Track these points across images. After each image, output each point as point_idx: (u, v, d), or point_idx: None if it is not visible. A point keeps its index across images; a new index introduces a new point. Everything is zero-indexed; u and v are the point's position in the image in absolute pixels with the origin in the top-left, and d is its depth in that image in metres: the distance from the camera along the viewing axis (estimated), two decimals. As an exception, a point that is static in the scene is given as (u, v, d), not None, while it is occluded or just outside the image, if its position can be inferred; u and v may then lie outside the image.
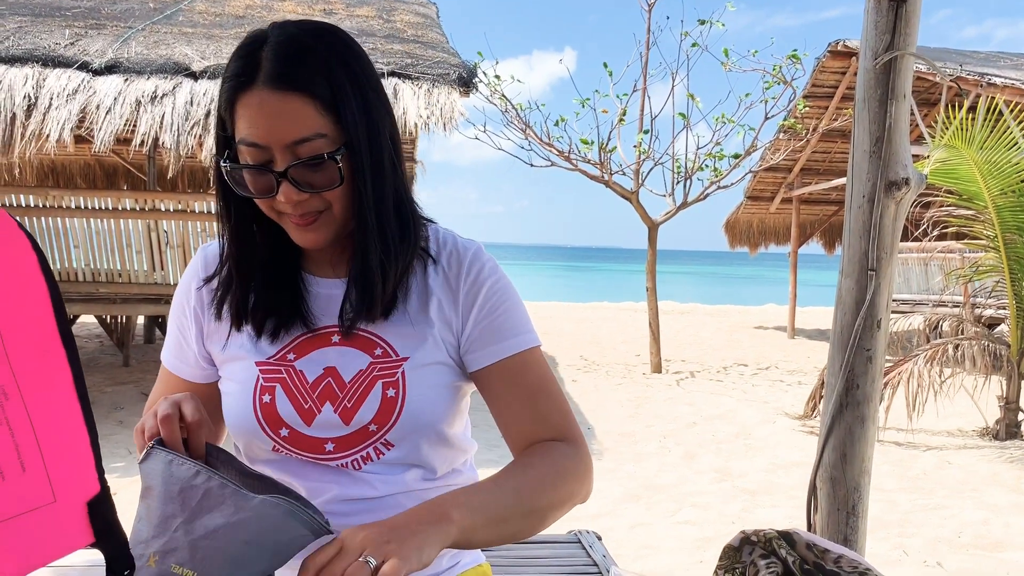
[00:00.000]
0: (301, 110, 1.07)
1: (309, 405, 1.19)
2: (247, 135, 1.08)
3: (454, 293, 1.24)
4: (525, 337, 1.25)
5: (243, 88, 1.08)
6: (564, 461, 1.18)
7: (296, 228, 1.15)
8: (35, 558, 0.87)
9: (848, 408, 1.95)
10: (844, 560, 1.13)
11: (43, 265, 0.90)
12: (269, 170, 1.09)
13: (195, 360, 1.31)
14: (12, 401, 0.86)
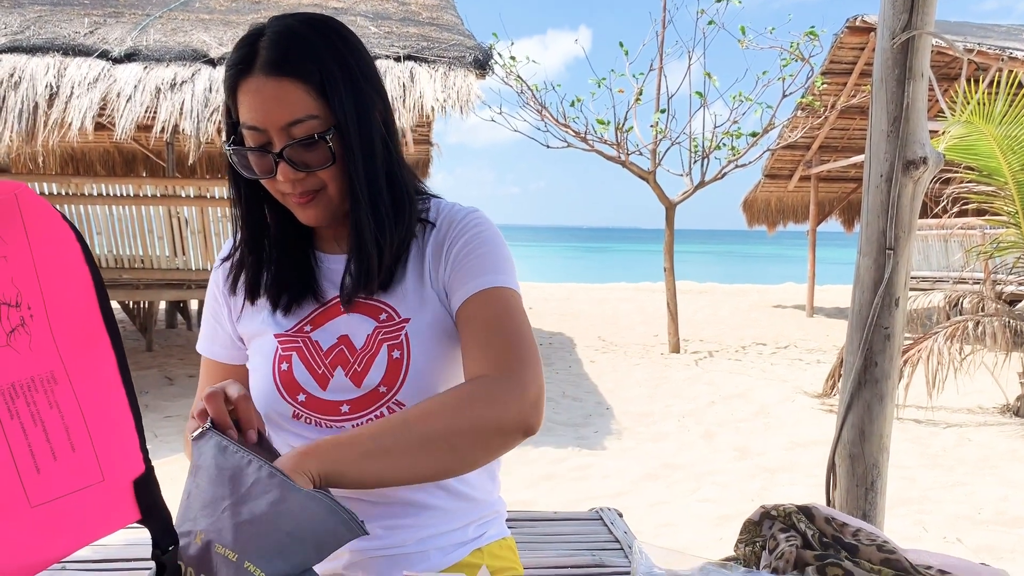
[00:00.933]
0: (293, 93, 1.16)
1: (323, 371, 1.26)
2: (247, 119, 1.18)
3: (442, 246, 1.28)
4: (496, 277, 1.24)
5: (242, 75, 1.17)
6: (475, 388, 1.14)
7: (297, 206, 1.23)
8: (86, 534, 0.91)
9: (866, 386, 1.98)
10: (862, 533, 1.16)
11: (87, 255, 0.94)
12: (268, 151, 1.18)
13: (230, 341, 1.40)
14: (61, 385, 0.90)
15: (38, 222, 0.90)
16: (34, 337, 0.89)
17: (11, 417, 0.86)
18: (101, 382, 0.93)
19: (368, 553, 1.25)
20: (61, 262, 0.92)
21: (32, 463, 0.86)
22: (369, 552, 1.25)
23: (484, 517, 1.36)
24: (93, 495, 0.91)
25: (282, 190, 1.22)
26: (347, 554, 1.25)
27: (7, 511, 0.84)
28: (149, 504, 0.95)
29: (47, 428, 0.88)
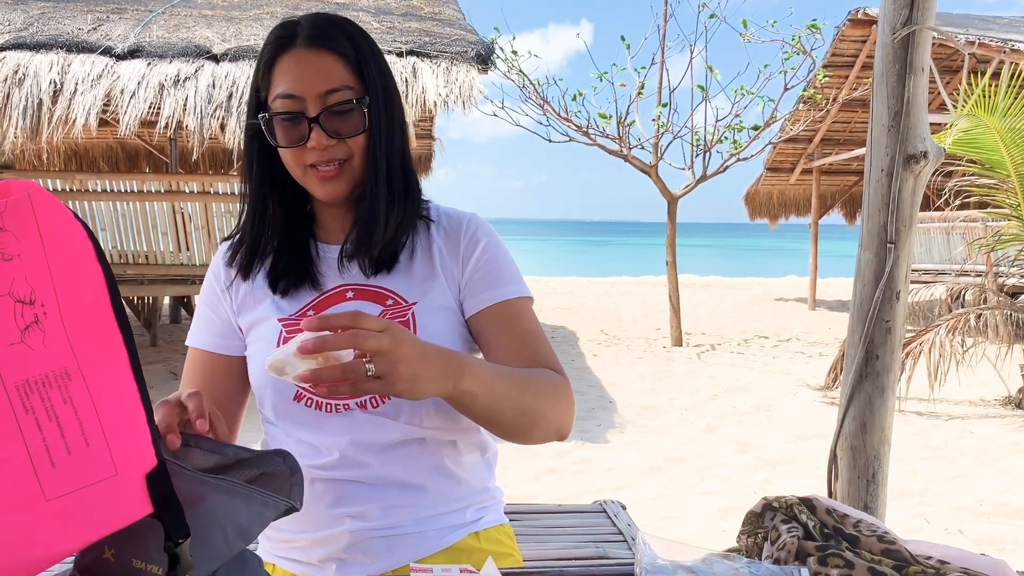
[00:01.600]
0: (332, 65, 1.26)
1: None
2: (285, 88, 1.25)
3: (455, 246, 1.37)
4: (519, 287, 1.37)
5: (283, 49, 1.27)
6: (562, 384, 1.30)
7: (320, 180, 1.28)
8: (100, 527, 0.92)
9: (868, 378, 1.99)
10: (863, 524, 1.17)
11: (98, 253, 0.96)
12: (303, 117, 1.24)
13: (226, 330, 1.41)
14: (75, 382, 0.92)
15: (51, 221, 0.92)
16: (48, 334, 0.91)
17: (26, 412, 0.88)
18: (113, 378, 0.95)
19: (367, 534, 1.28)
20: (73, 260, 0.93)
21: (47, 457, 0.88)
22: (368, 533, 1.28)
23: (481, 502, 1.40)
24: (107, 489, 0.92)
25: (308, 161, 1.27)
26: (347, 536, 1.28)
27: (23, 504, 0.86)
28: (161, 497, 0.97)
29: (61, 423, 0.89)
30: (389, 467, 1.29)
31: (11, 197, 0.90)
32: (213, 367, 1.41)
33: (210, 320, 1.42)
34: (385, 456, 1.29)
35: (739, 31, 10.78)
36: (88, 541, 0.91)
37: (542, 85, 10.88)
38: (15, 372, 0.87)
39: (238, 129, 6.28)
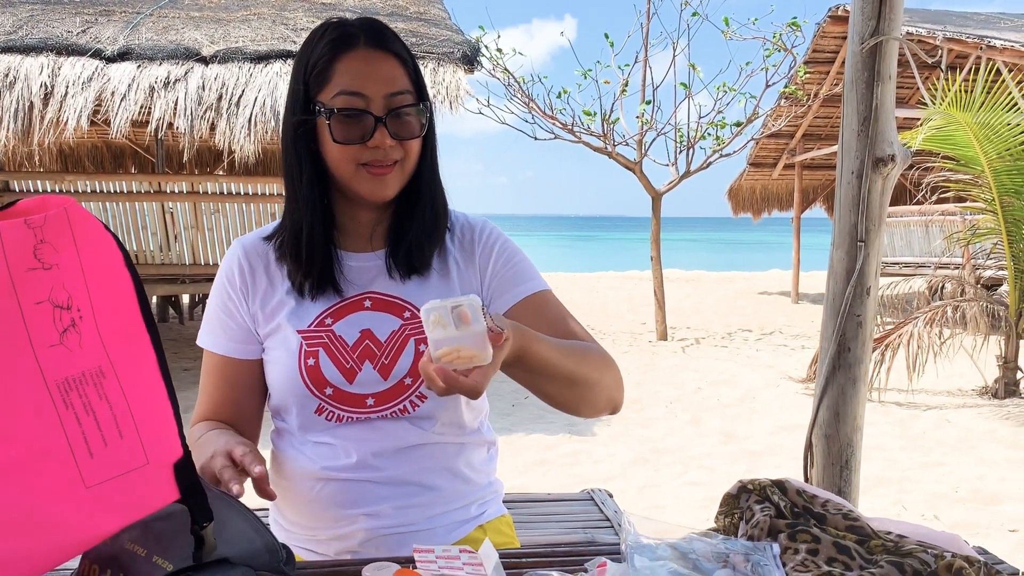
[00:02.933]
0: (396, 69, 1.31)
1: (351, 365, 1.34)
2: (349, 86, 1.28)
3: (470, 255, 1.44)
4: (540, 281, 1.45)
5: (346, 49, 1.29)
6: (609, 356, 1.38)
7: (371, 178, 1.31)
8: (133, 513, 1.00)
9: (840, 370, 2.10)
10: (830, 504, 1.28)
11: (127, 261, 1.04)
12: (368, 113, 1.28)
13: (244, 335, 1.41)
14: (109, 379, 1.00)
15: (85, 232, 1.00)
16: (84, 336, 0.99)
17: (67, 408, 0.96)
18: (143, 375, 1.03)
19: (381, 532, 1.35)
20: (105, 268, 1.01)
21: (86, 449, 0.96)
22: (382, 531, 1.35)
23: (484, 496, 1.48)
24: (139, 477, 1.00)
25: (363, 159, 1.30)
26: (362, 533, 1.35)
27: (67, 492, 0.94)
28: (188, 484, 1.05)
29: (98, 417, 0.98)
30: (403, 469, 1.35)
31: (49, 212, 0.98)
32: (235, 373, 1.41)
33: (226, 325, 1.42)
34: (399, 459, 1.35)
35: (721, 29, 10.91)
36: (123, 524, 1.00)
37: (527, 83, 10.98)
38: (55, 371, 0.95)
39: (228, 130, 6.34)
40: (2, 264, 0.93)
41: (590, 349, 1.35)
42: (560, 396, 1.31)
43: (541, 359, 1.21)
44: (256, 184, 7.82)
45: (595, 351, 1.36)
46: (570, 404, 1.33)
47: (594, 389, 1.33)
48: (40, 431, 0.93)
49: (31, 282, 0.95)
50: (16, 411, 0.92)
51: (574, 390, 1.31)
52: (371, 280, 1.40)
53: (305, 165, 1.34)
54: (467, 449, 1.44)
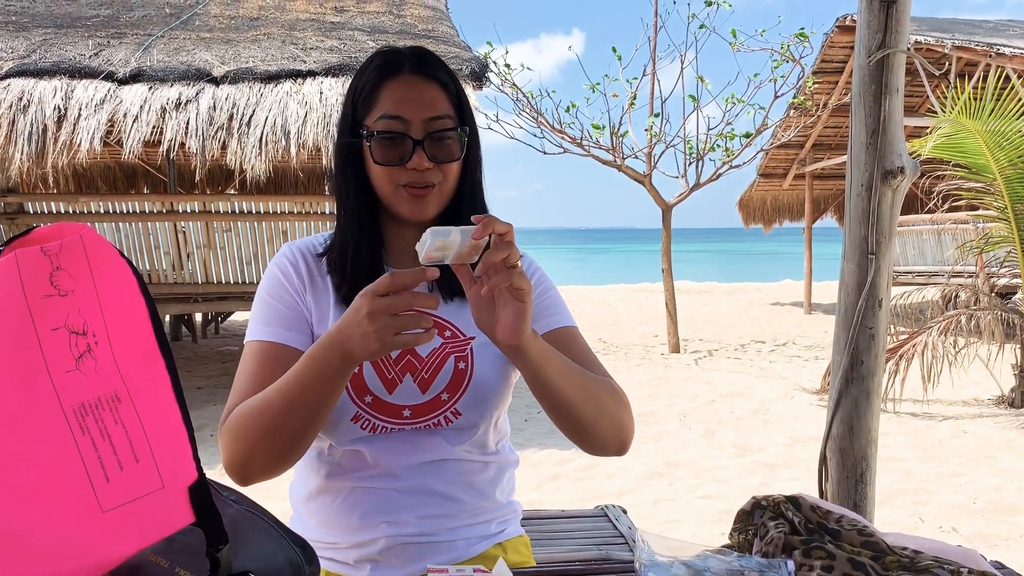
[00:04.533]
0: (438, 94, 1.36)
1: (392, 375, 1.36)
2: (390, 110, 1.34)
3: None
4: (570, 318, 1.48)
5: (391, 74, 1.36)
6: (620, 390, 1.40)
7: (410, 199, 1.36)
8: (149, 536, 1.01)
9: (854, 383, 2.09)
10: (845, 520, 1.27)
11: (142, 286, 1.05)
12: (407, 136, 1.33)
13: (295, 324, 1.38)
14: (124, 404, 1.01)
15: (100, 259, 1.01)
16: (99, 361, 1.00)
17: (83, 433, 0.97)
18: (158, 399, 1.04)
19: (402, 540, 1.36)
20: (120, 294, 1.02)
21: (102, 473, 0.97)
22: (402, 539, 1.36)
23: (504, 516, 1.49)
24: (154, 501, 1.01)
25: (402, 180, 1.34)
26: (383, 540, 1.36)
27: (83, 516, 0.95)
28: (202, 507, 1.05)
29: (113, 442, 0.99)
30: (427, 480, 1.38)
31: (65, 239, 0.99)
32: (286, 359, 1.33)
33: (280, 312, 1.39)
34: (425, 470, 1.38)
35: (729, 41, 10.92)
36: (139, 548, 1.00)
37: (536, 97, 11.02)
38: (72, 397, 0.96)
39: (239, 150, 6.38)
40: (19, 291, 0.95)
41: (603, 379, 1.38)
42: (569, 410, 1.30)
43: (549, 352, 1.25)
44: (268, 203, 7.86)
45: (608, 383, 1.38)
46: (578, 424, 1.32)
47: (602, 414, 1.33)
48: (57, 456, 0.94)
49: (47, 309, 0.96)
50: (34, 436, 0.93)
51: (582, 408, 1.30)
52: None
53: (352, 185, 1.40)
54: (490, 468, 1.46)
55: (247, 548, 1.11)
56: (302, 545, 1.14)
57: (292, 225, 7.82)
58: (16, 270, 0.95)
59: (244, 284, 7.78)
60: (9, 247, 1.00)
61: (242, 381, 1.36)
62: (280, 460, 1.26)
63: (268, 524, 1.14)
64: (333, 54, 7.37)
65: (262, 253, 7.76)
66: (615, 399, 1.37)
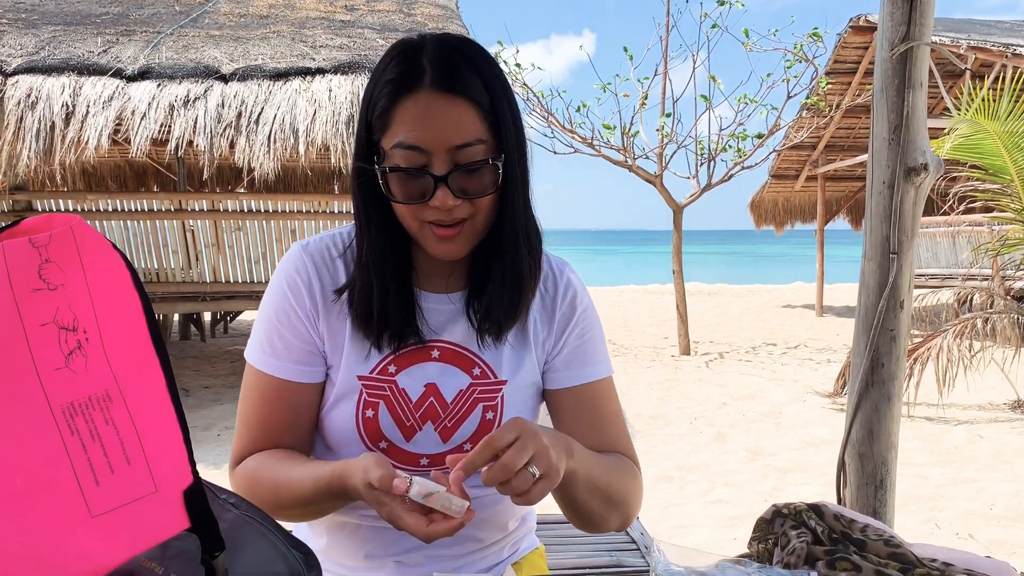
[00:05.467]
0: (465, 114, 1.10)
1: (411, 423, 1.24)
2: (407, 138, 1.10)
3: (550, 314, 1.32)
4: (604, 366, 1.34)
5: (407, 91, 1.10)
6: (637, 474, 1.32)
7: (437, 240, 1.16)
8: (141, 541, 0.97)
9: (874, 386, 2.03)
10: (870, 529, 1.22)
11: (135, 280, 1.00)
12: (427, 173, 1.11)
13: (309, 356, 1.26)
14: (116, 404, 0.96)
15: (91, 251, 0.96)
16: (90, 359, 0.95)
17: (71, 433, 0.92)
18: (152, 399, 0.99)
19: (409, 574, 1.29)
20: (113, 288, 0.98)
21: (92, 476, 0.92)
22: (410, 572, 1.29)
23: (517, 535, 1.42)
24: (147, 505, 0.97)
25: (428, 218, 1.15)
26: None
27: (71, 521, 0.90)
28: (198, 513, 1.01)
29: (104, 443, 0.94)
30: None
31: (55, 230, 0.95)
32: (298, 398, 1.26)
33: (289, 343, 1.25)
34: None
35: (741, 40, 10.84)
36: (131, 555, 0.95)
37: (546, 97, 10.97)
38: (61, 396, 0.92)
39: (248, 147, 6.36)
40: (5, 285, 0.90)
41: (620, 466, 1.28)
42: (584, 516, 1.24)
43: (580, 474, 1.14)
44: (277, 201, 7.85)
45: (625, 468, 1.28)
46: (587, 522, 1.26)
47: (614, 510, 1.25)
48: (44, 458, 0.90)
49: (36, 303, 0.92)
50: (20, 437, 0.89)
51: (598, 512, 1.23)
52: (443, 325, 1.27)
53: (373, 214, 1.21)
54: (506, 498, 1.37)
55: (245, 554, 1.07)
56: (304, 551, 1.09)
57: (301, 224, 7.80)
58: (3, 262, 0.91)
59: (253, 283, 7.77)
60: (-4, 239, 0.96)
61: (251, 421, 1.27)
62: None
63: (268, 529, 1.10)
64: (343, 52, 7.34)
65: (271, 252, 7.75)
66: (632, 486, 1.28)
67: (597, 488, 1.19)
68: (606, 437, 1.31)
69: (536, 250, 1.25)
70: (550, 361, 1.32)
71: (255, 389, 1.27)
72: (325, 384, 1.28)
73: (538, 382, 1.32)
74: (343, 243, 1.30)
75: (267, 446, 1.27)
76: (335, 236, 1.32)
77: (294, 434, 1.28)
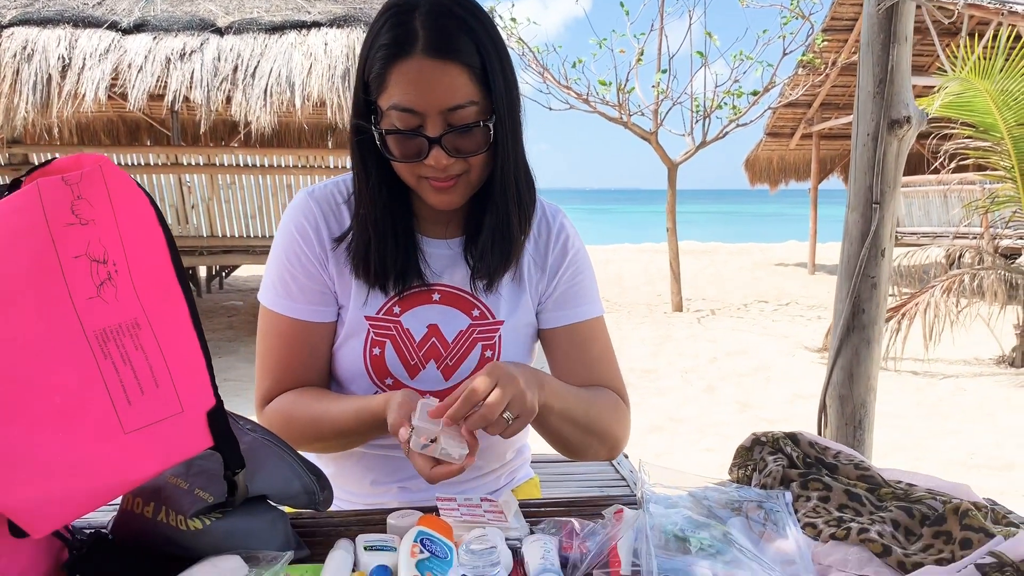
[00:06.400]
0: (458, 78, 1.15)
1: (415, 362, 1.34)
2: (403, 101, 1.16)
3: (543, 257, 1.40)
4: (595, 306, 1.43)
5: (400, 56, 1.15)
6: (621, 406, 1.39)
7: (434, 191, 1.23)
8: (169, 458, 1.05)
9: (855, 331, 2.12)
10: (841, 455, 1.31)
11: (159, 217, 1.07)
12: (422, 135, 1.17)
13: (321, 297, 1.34)
14: (144, 331, 1.04)
15: (119, 189, 1.03)
16: (119, 289, 1.02)
17: (105, 358, 0.99)
18: (176, 327, 1.06)
19: (412, 502, 1.35)
20: (139, 224, 1.05)
21: (124, 396, 1.00)
22: (413, 501, 1.37)
23: (514, 465, 1.52)
24: (174, 424, 1.04)
25: (425, 174, 1.21)
26: (395, 502, 1.37)
27: (106, 436, 0.98)
28: (220, 432, 1.09)
29: (134, 367, 1.01)
30: None
31: (85, 169, 1.01)
32: (315, 338, 1.35)
33: (303, 285, 1.33)
34: None
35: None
36: (159, 469, 1.04)
37: (541, 53, 10.93)
38: (94, 323, 0.99)
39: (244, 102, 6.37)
40: (41, 220, 0.96)
41: (603, 399, 1.36)
42: (564, 444, 1.33)
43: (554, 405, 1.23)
44: (272, 156, 7.86)
45: (607, 401, 1.36)
46: (570, 451, 1.35)
47: (596, 441, 1.35)
48: (81, 379, 0.96)
49: (69, 237, 0.97)
50: (59, 360, 0.95)
51: (578, 441, 1.33)
52: (443, 269, 1.35)
53: (371, 169, 1.27)
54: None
55: (263, 473, 1.15)
56: (316, 473, 1.17)
57: (296, 178, 7.82)
58: (38, 199, 0.97)
59: (249, 238, 7.81)
60: (30, 177, 1.03)
61: (272, 360, 1.35)
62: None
63: (283, 451, 1.18)
64: (338, 4, 7.30)
65: (267, 207, 7.78)
66: (614, 418, 1.36)
67: (574, 419, 1.28)
68: (596, 373, 1.39)
69: (526, 204, 1.32)
70: (543, 302, 1.40)
71: (273, 331, 1.36)
72: (336, 323, 1.36)
73: (533, 322, 1.40)
74: (347, 190, 1.37)
75: (289, 386, 1.36)
76: (339, 183, 1.39)
77: (313, 372, 1.37)
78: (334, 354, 1.37)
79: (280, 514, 1.15)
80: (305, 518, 1.24)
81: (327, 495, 1.17)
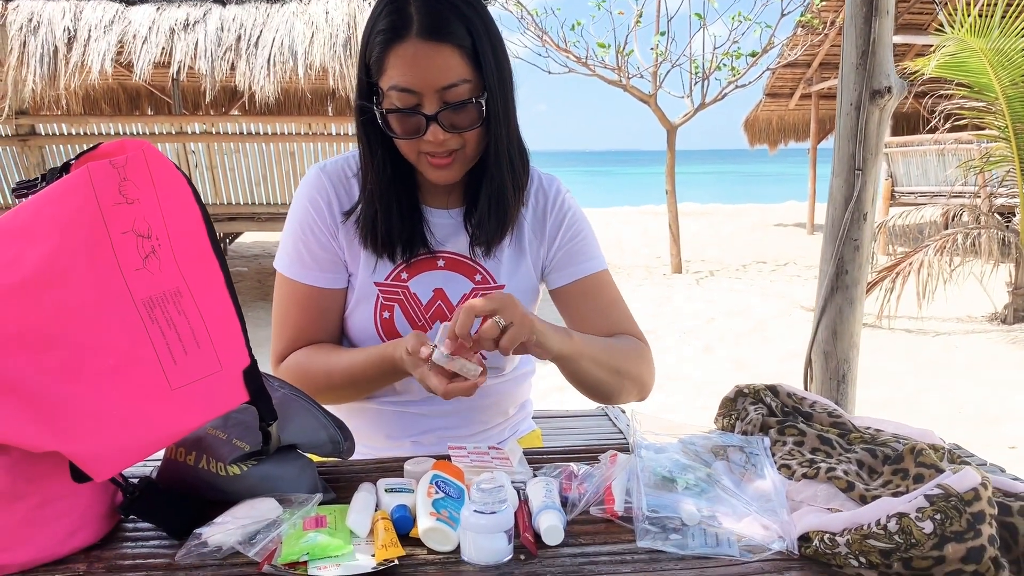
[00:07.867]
0: (449, 58, 1.25)
1: (423, 323, 1.45)
2: (400, 82, 1.27)
3: (541, 223, 1.51)
4: (599, 260, 1.54)
5: (396, 40, 1.26)
6: (644, 349, 1.51)
7: (433, 168, 1.35)
8: (210, 412, 1.16)
9: (838, 291, 2.24)
10: (817, 405, 1.43)
11: (196, 195, 1.19)
12: (419, 112, 1.28)
13: (335, 265, 1.46)
14: (185, 298, 1.15)
15: (160, 170, 1.14)
16: (162, 261, 1.13)
17: (152, 322, 1.11)
18: (214, 293, 1.18)
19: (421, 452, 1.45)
20: (178, 202, 1.15)
21: (170, 356, 1.11)
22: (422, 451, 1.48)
23: (517, 419, 1.65)
24: (214, 381, 1.16)
25: (423, 149, 1.32)
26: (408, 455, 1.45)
27: (156, 392, 1.10)
28: (255, 388, 1.20)
29: (178, 330, 1.13)
30: (454, 406, 1.46)
31: (129, 153, 1.12)
32: (327, 302, 1.46)
33: (315, 254, 1.45)
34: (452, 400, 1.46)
35: (736, -44, 10.74)
36: (202, 422, 1.15)
37: (540, 15, 10.91)
38: (141, 291, 1.10)
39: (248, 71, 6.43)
40: (92, 200, 1.07)
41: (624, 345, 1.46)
42: (597, 388, 1.44)
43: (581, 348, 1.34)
44: (275, 124, 7.93)
45: (629, 346, 1.47)
46: (604, 396, 1.47)
47: (627, 382, 1.46)
48: (132, 341, 1.08)
49: (117, 215, 1.08)
50: (111, 325, 1.06)
51: (610, 384, 1.44)
52: (447, 237, 1.46)
53: (376, 146, 1.37)
54: (510, 385, 1.56)
55: (293, 425, 1.27)
56: (340, 425, 1.30)
57: (299, 146, 7.89)
58: (89, 181, 1.07)
59: (253, 205, 7.91)
60: (80, 160, 1.14)
61: (288, 323, 1.48)
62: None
63: (310, 405, 1.30)
64: (338, -27, 7.33)
65: (270, 174, 7.86)
66: (639, 360, 1.47)
67: (604, 362, 1.40)
68: (611, 321, 1.51)
69: (519, 175, 1.43)
70: (548, 264, 1.52)
71: (289, 296, 1.48)
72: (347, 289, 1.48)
73: (535, 286, 1.52)
74: (356, 165, 1.48)
75: (303, 345, 1.48)
76: (348, 159, 1.50)
77: (324, 334, 1.49)
78: (347, 319, 1.48)
79: (308, 462, 1.27)
80: (330, 466, 1.37)
81: (350, 444, 1.29)
